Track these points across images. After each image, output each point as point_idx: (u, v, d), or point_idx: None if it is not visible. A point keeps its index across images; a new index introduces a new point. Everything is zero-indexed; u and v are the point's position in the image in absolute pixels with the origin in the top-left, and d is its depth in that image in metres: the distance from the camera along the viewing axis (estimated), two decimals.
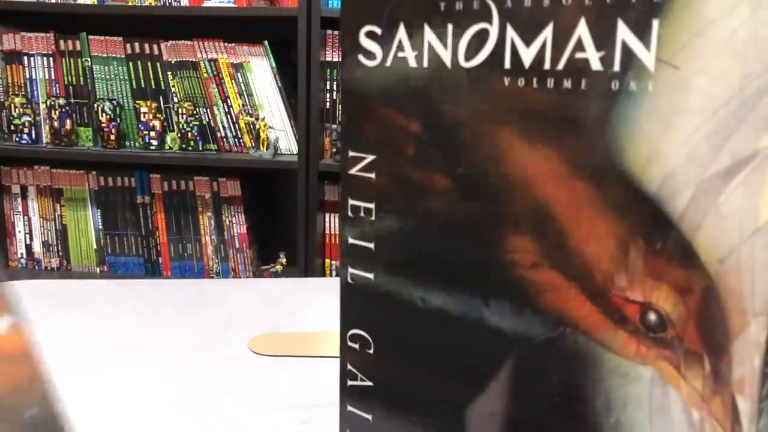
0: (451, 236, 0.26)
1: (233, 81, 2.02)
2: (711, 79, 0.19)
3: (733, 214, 0.19)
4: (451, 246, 0.26)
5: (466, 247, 0.26)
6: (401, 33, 0.26)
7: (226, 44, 2.01)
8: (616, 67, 0.21)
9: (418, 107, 0.26)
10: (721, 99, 0.19)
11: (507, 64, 0.24)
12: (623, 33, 0.21)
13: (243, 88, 2.03)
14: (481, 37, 0.24)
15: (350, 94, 0.28)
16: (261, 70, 2.01)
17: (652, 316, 0.21)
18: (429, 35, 0.25)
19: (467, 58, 0.25)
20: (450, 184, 0.26)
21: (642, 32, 0.20)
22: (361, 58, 0.28)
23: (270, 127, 2.02)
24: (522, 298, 0.24)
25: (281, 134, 2.03)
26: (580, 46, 0.22)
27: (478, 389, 0.26)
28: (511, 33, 0.23)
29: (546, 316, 0.24)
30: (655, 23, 0.20)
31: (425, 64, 0.26)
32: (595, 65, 0.22)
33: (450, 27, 0.25)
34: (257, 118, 2.02)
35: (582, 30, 0.22)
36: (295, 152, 2.03)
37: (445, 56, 0.25)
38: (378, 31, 0.27)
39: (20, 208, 2.20)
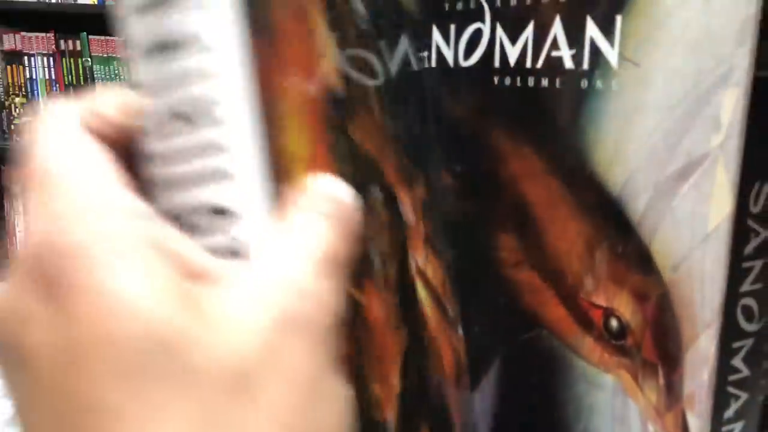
0: (453, 234, 0.26)
1: None
2: (668, 75, 0.18)
3: (686, 218, 0.18)
4: (454, 244, 0.26)
5: (466, 245, 0.26)
6: None
7: None
8: (586, 65, 0.21)
9: (429, 106, 0.27)
10: (678, 96, 0.18)
11: (496, 63, 0.24)
12: (591, 30, 0.20)
13: None
14: (477, 36, 0.24)
15: None
16: None
17: (613, 323, 0.20)
18: (436, 35, 0.26)
19: (465, 58, 0.25)
20: (451, 182, 0.26)
21: (607, 29, 0.20)
22: None
23: None
24: (508, 297, 0.24)
25: None
26: (555, 45, 0.21)
27: (473, 385, 0.26)
28: (500, 32, 0.23)
29: (526, 316, 0.23)
30: (619, 18, 0.19)
31: (433, 64, 0.26)
32: (568, 63, 0.21)
33: (453, 27, 0.25)
34: None
35: (557, 28, 0.21)
36: None
37: (449, 56, 0.26)
38: None
39: (21, 209, 2.19)
